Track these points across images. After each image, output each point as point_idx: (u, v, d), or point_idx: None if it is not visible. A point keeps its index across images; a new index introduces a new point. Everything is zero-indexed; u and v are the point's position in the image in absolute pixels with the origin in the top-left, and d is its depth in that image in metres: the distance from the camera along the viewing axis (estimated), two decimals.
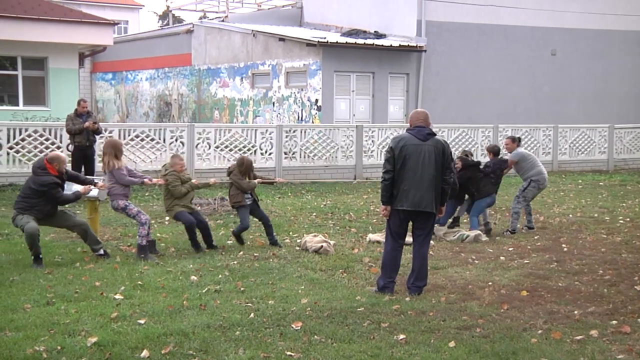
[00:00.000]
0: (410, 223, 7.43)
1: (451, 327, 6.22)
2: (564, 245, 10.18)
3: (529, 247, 10.07)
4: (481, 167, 11.23)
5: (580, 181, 18.42)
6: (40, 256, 8.46)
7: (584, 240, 10.68)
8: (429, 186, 7.19)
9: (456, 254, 9.46)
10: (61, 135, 14.84)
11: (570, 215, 12.96)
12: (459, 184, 10.69)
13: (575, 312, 6.74)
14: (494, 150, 11.51)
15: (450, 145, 8.57)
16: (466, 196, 11.25)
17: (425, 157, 7.18)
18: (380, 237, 10.20)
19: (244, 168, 9.68)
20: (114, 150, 9.07)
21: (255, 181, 9.79)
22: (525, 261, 9.07)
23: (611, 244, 10.37)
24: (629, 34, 26.25)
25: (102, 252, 8.89)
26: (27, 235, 8.34)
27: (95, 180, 9.22)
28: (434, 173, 7.21)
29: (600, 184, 18.06)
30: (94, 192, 9.86)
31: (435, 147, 7.25)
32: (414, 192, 7.16)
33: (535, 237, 10.82)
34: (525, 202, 11.29)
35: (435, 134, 7.39)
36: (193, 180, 9.69)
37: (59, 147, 14.86)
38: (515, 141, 11.44)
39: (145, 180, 9.27)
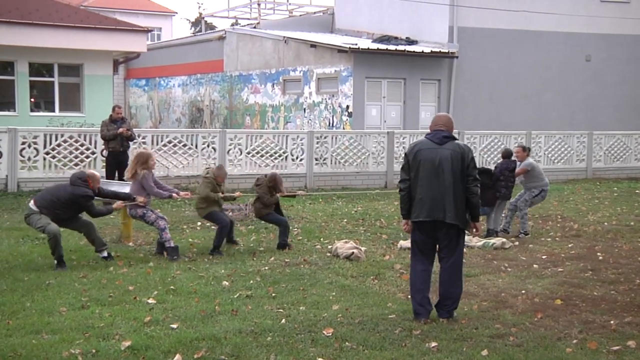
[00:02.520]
0: None
1: (484, 336, 6.15)
2: (599, 254, 10.02)
3: (562, 255, 9.94)
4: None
5: (615, 189, 18.14)
6: (63, 258, 8.65)
7: (620, 248, 10.51)
8: (446, 194, 6.44)
9: (488, 262, 9.37)
10: (96, 141, 15.05)
11: (606, 223, 12.76)
12: None
13: (612, 322, 6.62)
14: (506, 154, 11.71)
15: (484, 152, 8.02)
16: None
17: (440, 162, 6.47)
18: (408, 244, 10.17)
19: (274, 185, 9.99)
20: (142, 161, 9.34)
21: (277, 195, 10.08)
22: (559, 269, 8.95)
23: None
24: None
25: (105, 254, 9.01)
26: (52, 237, 8.51)
27: (133, 196, 9.39)
28: (452, 180, 6.45)
29: (637, 191, 17.75)
30: None
31: (452, 152, 6.50)
32: (429, 201, 6.46)
33: (570, 245, 10.68)
34: (529, 206, 11.70)
35: (454, 138, 6.68)
36: (219, 194, 9.85)
37: (93, 153, 15.08)
38: (526, 150, 11.84)
39: (174, 194, 9.55)
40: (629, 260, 9.57)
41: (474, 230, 6.84)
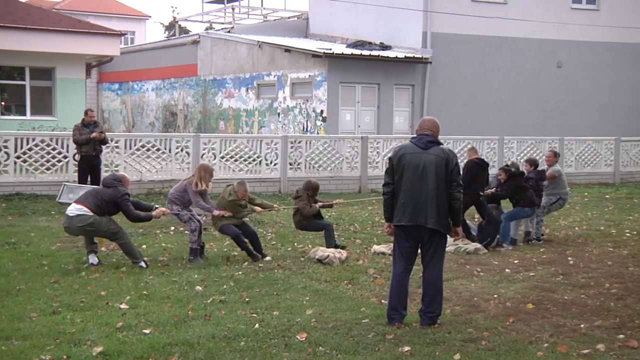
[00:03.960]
0: None
1: (456, 340, 6.19)
2: (570, 258, 10.14)
3: (534, 259, 10.04)
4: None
5: (586, 194, 18.37)
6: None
7: (590, 253, 10.64)
8: (429, 199, 6.44)
9: (461, 266, 9.44)
10: (68, 145, 14.89)
11: (577, 228, 12.92)
12: (505, 195, 11.21)
13: (582, 325, 6.70)
14: (534, 163, 11.76)
15: (457, 157, 7.84)
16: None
17: (424, 167, 6.45)
18: (385, 248, 10.21)
19: (312, 191, 10.20)
20: (203, 173, 9.51)
21: (317, 206, 10.26)
22: (531, 274, 9.04)
23: (618, 257, 10.33)
24: (636, 46, 26.24)
25: (143, 264, 9.02)
26: (127, 242, 8.92)
27: (156, 206, 9.45)
28: (435, 185, 6.44)
29: (607, 196, 18.01)
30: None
31: (437, 157, 6.48)
32: (412, 206, 6.47)
33: (541, 250, 10.79)
34: (546, 213, 11.78)
35: (439, 143, 6.63)
36: (256, 208, 9.93)
37: (65, 157, 14.92)
38: (557, 156, 12.06)
39: (215, 212, 9.53)
40: (599, 265, 9.70)
41: (455, 235, 6.84)
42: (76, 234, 9.10)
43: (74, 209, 8.73)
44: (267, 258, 9.56)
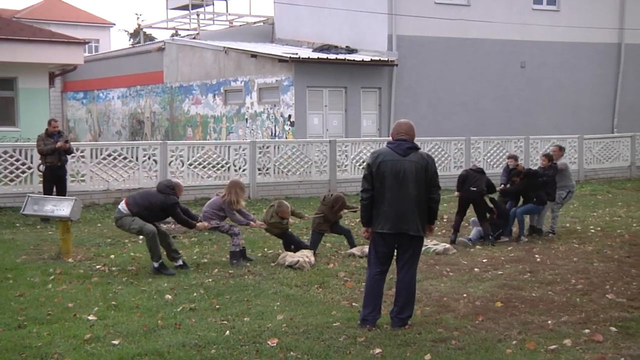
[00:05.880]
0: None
1: (427, 340, 6.24)
2: (537, 256, 10.28)
3: (502, 258, 10.16)
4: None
5: None
6: (162, 261, 9.16)
7: (557, 250, 10.80)
8: (411, 206, 6.50)
9: (431, 267, 9.51)
10: (32, 156, 14.68)
11: (543, 226, 13.08)
12: (515, 190, 11.89)
13: (549, 321, 6.80)
14: (551, 158, 12.28)
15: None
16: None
17: (404, 175, 6.48)
18: (355, 250, 10.24)
19: (338, 207, 10.45)
20: (237, 190, 9.86)
21: (341, 213, 10.70)
22: (499, 272, 9.15)
23: (583, 253, 10.50)
24: (597, 46, 26.70)
25: (180, 262, 9.36)
26: (151, 236, 9.02)
27: (200, 219, 9.72)
28: (416, 192, 6.51)
29: None
30: (66, 211, 9.80)
31: (417, 164, 6.53)
32: (395, 214, 6.50)
33: (509, 248, 10.93)
34: (561, 206, 12.57)
35: (417, 148, 6.67)
36: (290, 221, 10.37)
37: (29, 168, 14.70)
38: (562, 150, 12.82)
39: (252, 223, 9.98)
40: (565, 261, 9.85)
41: (429, 232, 6.95)
42: (116, 227, 9.63)
43: (120, 204, 9.36)
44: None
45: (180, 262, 9.38)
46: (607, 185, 20.32)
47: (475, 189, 11.49)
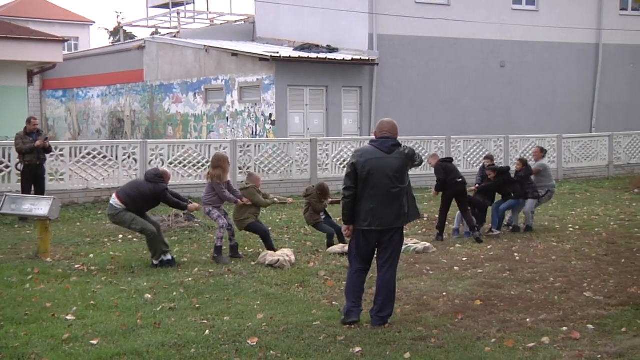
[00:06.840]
0: None
1: (407, 339, 6.27)
2: (516, 254, 10.36)
3: (482, 256, 10.22)
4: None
5: None
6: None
7: (535, 248, 10.88)
8: (397, 202, 6.60)
9: (411, 265, 9.54)
10: (10, 155, 14.54)
11: (522, 224, 13.18)
12: (492, 186, 12.25)
13: (528, 320, 6.86)
14: (525, 162, 12.68)
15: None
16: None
17: (390, 171, 6.57)
18: (338, 248, 10.26)
19: (322, 194, 10.78)
20: (222, 164, 9.83)
21: (327, 202, 10.91)
22: (479, 271, 9.20)
23: (561, 251, 10.59)
24: (576, 46, 26.94)
25: (169, 256, 9.45)
26: (153, 237, 9.20)
27: (190, 201, 9.93)
28: (400, 187, 6.62)
29: None
30: (44, 211, 9.73)
31: (400, 160, 6.65)
32: (381, 211, 6.57)
33: (489, 247, 10.99)
34: (537, 205, 12.73)
35: (400, 145, 6.74)
36: (275, 198, 10.53)
37: (7, 167, 14.56)
38: (543, 152, 13.13)
39: (239, 201, 9.98)
40: (544, 260, 9.93)
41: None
42: (112, 223, 9.84)
43: (111, 199, 9.39)
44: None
45: (169, 257, 9.45)
46: (585, 184, 20.51)
47: (460, 179, 11.70)
